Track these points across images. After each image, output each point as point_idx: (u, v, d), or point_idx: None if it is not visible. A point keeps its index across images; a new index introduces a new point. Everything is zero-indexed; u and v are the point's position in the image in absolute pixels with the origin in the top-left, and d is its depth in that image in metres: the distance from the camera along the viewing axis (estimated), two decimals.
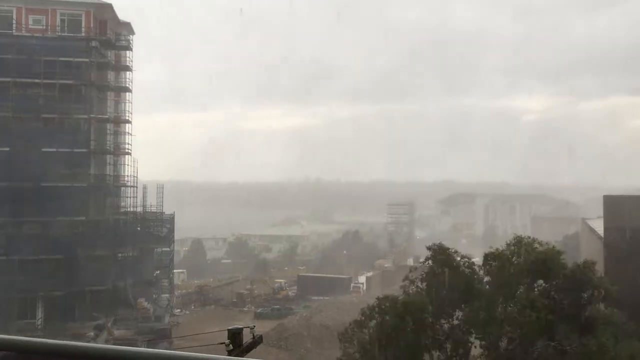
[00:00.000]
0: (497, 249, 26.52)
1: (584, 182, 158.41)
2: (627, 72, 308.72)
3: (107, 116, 59.10)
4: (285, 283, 79.89)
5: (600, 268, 34.96)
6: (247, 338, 12.32)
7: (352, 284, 78.37)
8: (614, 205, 41.66)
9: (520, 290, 25.57)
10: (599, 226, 45.41)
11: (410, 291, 26.08)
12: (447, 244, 29.04)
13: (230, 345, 11.74)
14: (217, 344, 11.97)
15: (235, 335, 11.94)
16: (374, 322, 24.79)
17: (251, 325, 12.61)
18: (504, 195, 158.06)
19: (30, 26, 55.69)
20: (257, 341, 12.40)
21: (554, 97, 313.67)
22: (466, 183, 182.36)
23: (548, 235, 62.87)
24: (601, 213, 44.27)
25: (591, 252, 46.89)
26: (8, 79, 52.92)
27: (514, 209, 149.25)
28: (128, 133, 61.82)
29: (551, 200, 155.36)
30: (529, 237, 26.83)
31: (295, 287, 79.58)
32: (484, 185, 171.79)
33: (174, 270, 72.22)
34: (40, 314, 52.49)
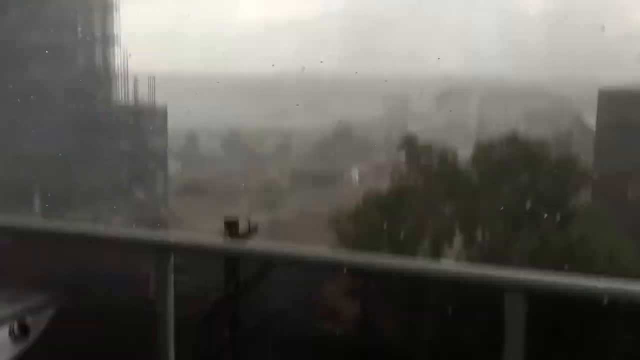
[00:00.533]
0: (482, 143, 26.74)
1: (582, 76, 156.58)
2: None
3: (94, 1, 56.83)
4: (279, 176, 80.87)
5: (590, 162, 35.55)
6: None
7: (345, 177, 79.47)
8: (609, 98, 41.55)
9: (505, 185, 26.07)
10: (593, 122, 45.59)
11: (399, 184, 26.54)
12: (441, 138, 29.16)
13: (228, 234, 12.06)
14: (216, 234, 12.29)
15: (231, 225, 12.24)
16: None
17: (247, 216, 12.90)
18: (499, 90, 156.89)
19: None
20: (252, 230, 12.73)
21: None
22: (462, 76, 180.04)
23: (541, 131, 63.12)
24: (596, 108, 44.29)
25: (583, 148, 47.36)
26: None
27: (509, 104, 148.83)
28: (116, 20, 59.76)
29: (547, 95, 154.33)
30: (513, 132, 26.96)
31: (289, 181, 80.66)
32: (480, 79, 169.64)
33: (169, 163, 72.68)
34: (37, 206, 53.43)
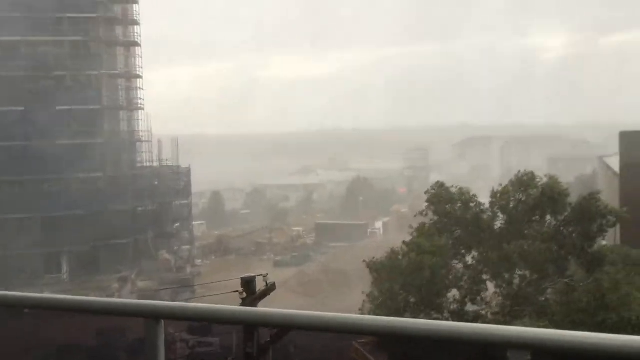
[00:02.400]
0: (501, 186, 26.52)
1: (602, 120, 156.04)
2: None
3: (117, 72, 59.10)
4: (303, 231, 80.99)
5: (616, 205, 34.93)
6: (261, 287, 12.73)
7: (369, 230, 79.24)
8: (630, 141, 41.14)
9: (530, 228, 25.69)
10: (615, 164, 45.02)
11: (423, 233, 26.31)
12: (463, 186, 28.94)
13: (244, 293, 12.14)
14: (231, 292, 12.37)
15: (248, 284, 12.33)
16: (400, 258, 24.99)
17: (264, 273, 12.98)
18: (521, 137, 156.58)
19: None
20: (270, 288, 12.79)
21: (573, 33, 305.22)
22: (482, 126, 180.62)
23: (564, 175, 62.49)
24: (618, 150, 43.82)
25: (608, 189, 46.67)
26: (18, 38, 52.90)
27: (531, 150, 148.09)
28: (140, 88, 61.91)
29: (568, 139, 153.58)
30: (532, 173, 26.72)
31: (313, 235, 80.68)
32: (500, 127, 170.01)
33: (194, 222, 73.46)
34: (65, 268, 54.09)
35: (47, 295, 3.06)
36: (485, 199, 27.92)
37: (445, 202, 26.31)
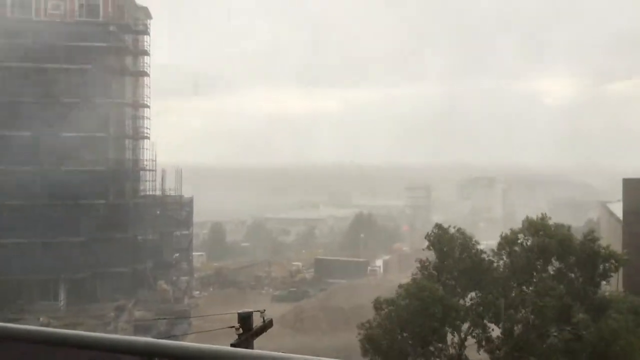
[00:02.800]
0: (507, 233, 26.40)
1: (605, 165, 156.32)
2: None
3: (125, 101, 59.70)
4: (302, 266, 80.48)
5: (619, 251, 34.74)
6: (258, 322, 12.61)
7: (368, 267, 78.69)
8: (633, 188, 41.10)
9: (535, 273, 25.48)
10: (619, 210, 44.87)
11: (422, 275, 26.14)
12: (464, 227, 28.89)
13: (240, 329, 12.00)
14: (228, 327, 12.23)
15: (245, 319, 12.18)
16: (391, 307, 24.85)
17: (262, 309, 12.87)
18: (523, 178, 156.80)
19: (49, 11, 56.22)
20: (267, 325, 12.63)
21: (576, 79, 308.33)
22: (484, 166, 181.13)
23: (568, 220, 62.22)
24: (621, 196, 43.73)
25: (611, 236, 46.44)
26: (29, 64, 53.62)
27: (533, 192, 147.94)
28: (146, 117, 62.43)
29: (571, 183, 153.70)
30: (541, 218, 26.59)
31: (313, 270, 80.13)
32: (503, 168, 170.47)
33: (194, 253, 73.13)
34: (62, 295, 53.62)
35: (32, 327, 2.96)
36: (487, 240, 27.81)
37: (445, 244, 26.29)
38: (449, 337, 24.89)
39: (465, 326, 25.02)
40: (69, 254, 52.38)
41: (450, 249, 26.24)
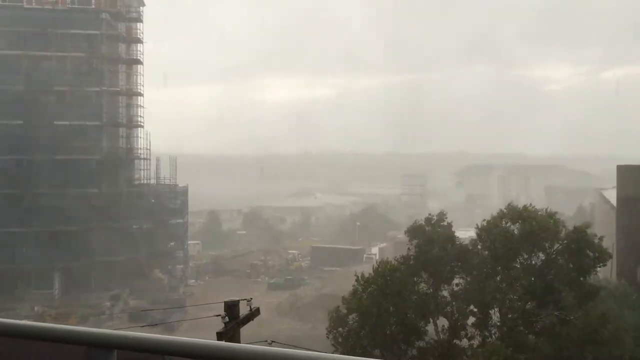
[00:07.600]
0: (489, 220, 26.32)
1: (602, 153, 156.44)
2: None
3: (118, 89, 59.26)
4: (298, 254, 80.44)
5: (612, 237, 34.73)
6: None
7: (365, 255, 78.69)
8: (627, 174, 41.08)
9: (522, 257, 25.44)
10: (613, 197, 44.87)
11: (406, 262, 26.16)
12: (460, 214, 28.91)
13: (227, 317, 11.89)
14: (214, 315, 12.11)
15: (231, 308, 12.08)
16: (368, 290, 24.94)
17: (248, 297, 12.76)
18: (519, 166, 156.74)
19: None
20: (253, 313, 12.53)
21: (576, 66, 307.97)
22: (481, 154, 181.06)
23: (562, 206, 62.21)
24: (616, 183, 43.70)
25: (605, 222, 46.49)
26: (19, 52, 53.14)
27: (529, 180, 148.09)
28: (140, 106, 62.03)
29: (567, 171, 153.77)
30: (529, 205, 26.55)
31: (309, 258, 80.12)
32: (499, 156, 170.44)
33: (189, 242, 72.98)
34: (57, 284, 53.54)
35: (22, 321, 2.80)
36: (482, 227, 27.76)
37: (425, 235, 26.51)
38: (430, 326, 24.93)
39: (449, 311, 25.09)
40: (62, 244, 52.24)
41: (426, 242, 26.37)
